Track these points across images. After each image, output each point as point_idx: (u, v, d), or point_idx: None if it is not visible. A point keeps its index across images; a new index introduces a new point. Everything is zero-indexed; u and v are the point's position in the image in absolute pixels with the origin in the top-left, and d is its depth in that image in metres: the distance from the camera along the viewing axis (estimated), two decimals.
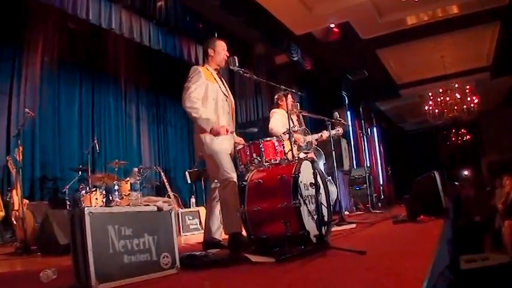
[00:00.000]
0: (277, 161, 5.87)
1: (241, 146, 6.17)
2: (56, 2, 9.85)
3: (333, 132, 9.38)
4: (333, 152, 9.70)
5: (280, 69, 17.19)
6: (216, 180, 6.25)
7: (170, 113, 16.91)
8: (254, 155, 5.89)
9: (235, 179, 6.00)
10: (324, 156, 9.92)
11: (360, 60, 18.58)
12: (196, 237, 9.91)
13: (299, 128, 8.69)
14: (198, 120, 6.07)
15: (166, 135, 16.66)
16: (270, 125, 8.73)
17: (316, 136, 9.17)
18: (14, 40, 11.73)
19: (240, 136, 6.69)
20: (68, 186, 11.19)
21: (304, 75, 18.08)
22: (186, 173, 13.42)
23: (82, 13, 10.32)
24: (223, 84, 6.62)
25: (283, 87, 6.45)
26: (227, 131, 6.11)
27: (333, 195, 9.37)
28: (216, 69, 6.60)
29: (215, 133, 6.05)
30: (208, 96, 6.24)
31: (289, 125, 6.28)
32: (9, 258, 7.91)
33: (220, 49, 6.60)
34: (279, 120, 8.73)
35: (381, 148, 28.06)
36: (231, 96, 6.65)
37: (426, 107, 21.49)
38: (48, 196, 11.65)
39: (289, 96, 7.96)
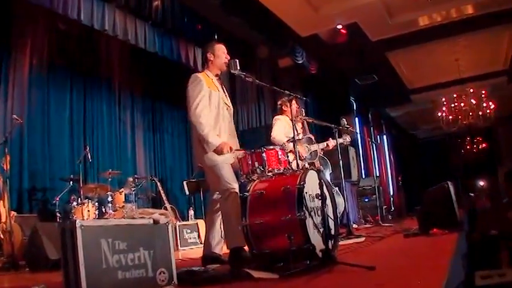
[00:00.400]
0: (281, 171, 5.86)
1: (242, 155, 6.17)
2: (45, 2, 9.82)
3: (340, 140, 9.37)
4: (340, 161, 9.68)
5: (284, 73, 17.18)
6: (217, 192, 6.26)
7: (167, 120, 16.81)
8: (256, 164, 5.87)
9: (237, 190, 6.02)
10: (330, 165, 9.90)
11: (369, 63, 18.57)
12: (195, 251, 9.91)
13: (303, 137, 8.70)
14: (203, 139, 6.09)
15: (163, 143, 16.54)
16: (272, 134, 8.75)
17: (321, 145, 9.14)
18: None
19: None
20: (58, 198, 11.11)
21: (309, 80, 18.08)
22: (184, 183, 13.42)
23: (73, 13, 10.30)
24: (224, 92, 6.66)
25: (287, 92, 6.48)
26: (231, 149, 6.13)
27: (340, 207, 9.36)
28: (216, 75, 6.63)
29: (219, 152, 6.07)
30: (211, 104, 6.28)
31: (294, 133, 6.29)
32: None
33: (220, 52, 6.61)
34: (281, 128, 8.73)
35: (391, 157, 28.05)
36: (231, 106, 6.69)
37: (439, 114, 21.50)
38: (37, 208, 11.58)
39: (294, 101, 8.01)
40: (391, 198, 23.97)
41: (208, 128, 6.10)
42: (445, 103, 21.30)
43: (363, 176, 19.43)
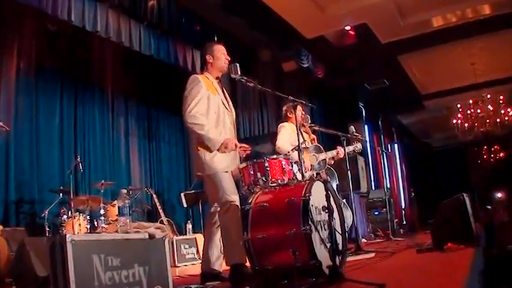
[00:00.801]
0: (285, 182, 5.85)
1: (244, 165, 6.16)
2: (33, 1, 9.80)
3: (350, 148, 9.36)
4: (349, 172, 9.69)
5: (289, 78, 17.12)
6: (216, 204, 6.25)
7: (163, 127, 16.83)
8: (259, 174, 5.87)
9: (237, 203, 6.00)
10: (336, 176, 9.86)
11: (379, 67, 18.59)
12: (193, 268, 9.90)
13: (310, 145, 8.68)
14: (204, 138, 6.12)
15: (159, 152, 16.54)
16: (276, 143, 8.70)
17: (330, 154, 9.04)
18: None
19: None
20: (47, 210, 11.03)
21: (315, 85, 18.09)
22: (182, 195, 13.43)
23: (63, 13, 10.24)
24: (225, 95, 6.67)
25: (291, 98, 6.48)
26: (236, 146, 6.18)
27: (349, 221, 9.34)
28: (217, 78, 6.65)
29: (227, 148, 6.12)
30: (210, 108, 6.30)
31: (299, 141, 6.28)
32: None
33: (220, 54, 6.63)
34: (287, 136, 8.70)
35: (403, 167, 28.02)
36: (233, 110, 6.70)
37: (454, 121, 21.51)
38: (24, 221, 11.54)
39: (299, 108, 7.98)
40: (403, 211, 23.94)
41: (208, 126, 6.13)
42: (460, 109, 21.32)
43: (373, 188, 19.40)
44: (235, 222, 5.79)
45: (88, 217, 11.12)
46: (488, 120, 20.69)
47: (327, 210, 5.18)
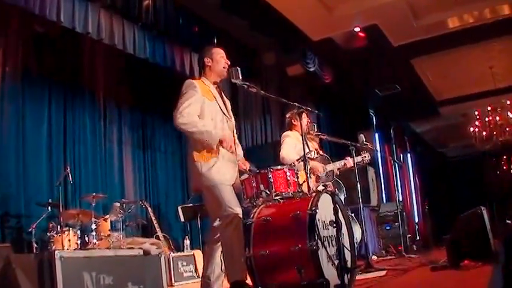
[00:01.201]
0: (290, 194, 5.85)
1: (245, 176, 6.15)
2: (20, 1, 9.75)
3: (358, 159, 9.34)
4: (358, 184, 9.65)
5: (294, 83, 17.10)
6: (218, 219, 6.22)
7: (159, 136, 16.76)
8: (262, 186, 5.90)
9: (240, 215, 5.96)
10: (344, 188, 9.86)
11: (391, 71, 18.58)
12: (192, 286, 9.91)
13: (317, 155, 8.66)
14: (198, 134, 6.12)
15: (155, 163, 16.49)
16: (281, 153, 8.68)
17: (338, 164, 9.05)
18: None
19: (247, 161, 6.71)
20: (34, 225, 10.96)
21: (322, 90, 18.08)
22: (179, 208, 13.45)
23: (52, 14, 10.19)
24: (224, 102, 6.67)
25: (297, 104, 6.49)
26: (231, 147, 6.16)
27: (358, 236, 9.35)
28: (215, 83, 6.64)
29: (224, 144, 6.10)
30: (204, 114, 6.27)
31: (304, 150, 6.28)
32: None
33: (219, 57, 6.64)
34: (291, 146, 8.68)
35: (416, 179, 27.98)
36: (233, 117, 6.69)
37: (471, 129, 21.48)
38: (10, 237, 11.47)
39: (304, 115, 7.98)
40: (416, 226, 23.90)
41: (202, 123, 6.13)
42: (477, 117, 21.29)
43: (384, 201, 19.42)
44: (238, 237, 5.79)
45: (78, 232, 10.90)
46: (507, 129, 20.62)
47: (334, 225, 5.19)
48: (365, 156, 9.46)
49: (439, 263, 8.27)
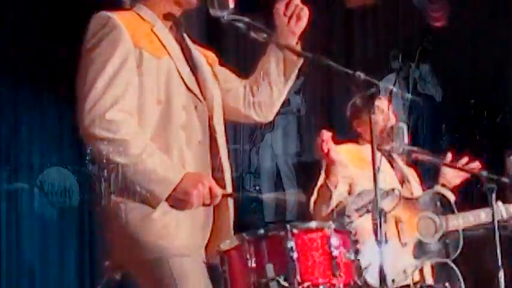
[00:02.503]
0: None
1: (234, 242, 2.78)
2: None
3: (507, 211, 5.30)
4: (501, 271, 4.88)
5: (357, 22, 9.83)
6: None
7: None
8: (270, 267, 2.66)
9: None
10: (460, 277, 5.43)
11: None
12: None
13: (418, 192, 4.96)
14: (127, 171, 2.79)
15: None
16: (312, 199, 4.70)
17: (472, 217, 4.73)
18: None
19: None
20: None
21: (426, 45, 10.47)
22: None
23: None
24: (193, 61, 3.21)
25: (363, 75, 2.69)
26: (212, 193, 2.85)
27: None
28: (168, 18, 3.17)
29: (188, 202, 2.81)
30: (144, 92, 2.94)
31: (376, 183, 2.72)
32: None
33: None
34: (340, 184, 4.54)
35: None
36: (215, 93, 3.26)
37: None
38: None
39: (381, 103, 4.21)
40: None
41: (133, 136, 2.82)
42: None
43: None
44: None
45: None
46: None
47: None
48: None
49: None
